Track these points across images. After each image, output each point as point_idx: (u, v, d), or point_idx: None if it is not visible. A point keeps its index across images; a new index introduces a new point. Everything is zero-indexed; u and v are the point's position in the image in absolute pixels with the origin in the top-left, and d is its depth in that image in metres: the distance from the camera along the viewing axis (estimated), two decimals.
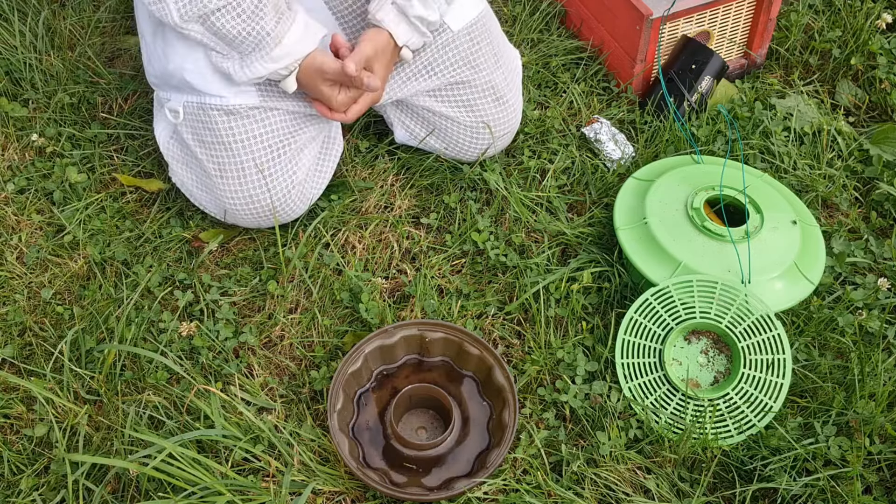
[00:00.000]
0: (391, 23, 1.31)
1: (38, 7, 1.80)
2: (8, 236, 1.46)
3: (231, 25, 1.23)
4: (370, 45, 1.31)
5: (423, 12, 1.30)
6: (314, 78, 1.31)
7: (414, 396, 1.25)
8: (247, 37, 1.24)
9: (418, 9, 1.30)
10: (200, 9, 1.21)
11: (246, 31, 1.24)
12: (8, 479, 1.19)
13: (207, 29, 1.25)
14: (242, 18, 1.23)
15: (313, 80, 1.31)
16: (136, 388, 1.27)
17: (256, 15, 1.23)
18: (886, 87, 1.72)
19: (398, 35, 1.32)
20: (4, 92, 1.67)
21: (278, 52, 1.26)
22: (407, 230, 1.48)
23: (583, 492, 1.18)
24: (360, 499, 1.18)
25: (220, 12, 1.22)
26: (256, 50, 1.26)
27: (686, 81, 1.61)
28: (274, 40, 1.25)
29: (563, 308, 1.36)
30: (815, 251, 1.37)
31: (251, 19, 1.23)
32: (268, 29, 1.24)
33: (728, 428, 1.23)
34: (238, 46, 1.26)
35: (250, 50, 1.26)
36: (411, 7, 1.30)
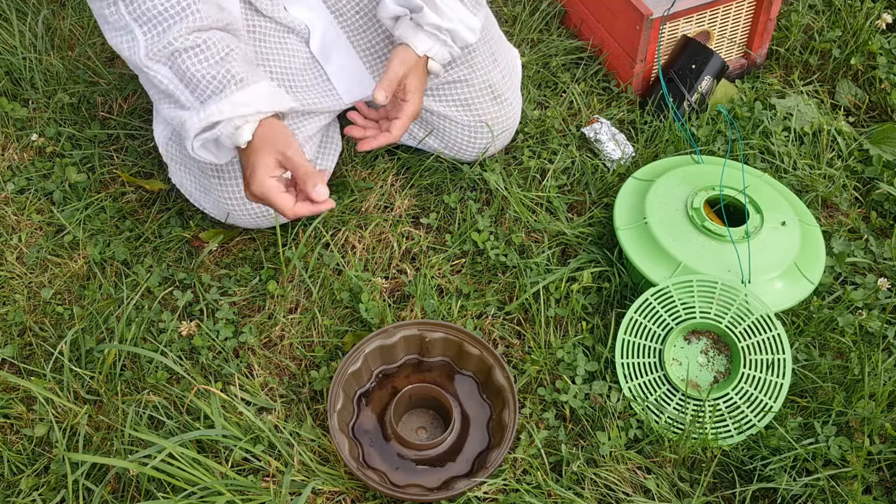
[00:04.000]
0: (409, 36, 1.32)
1: (38, 7, 1.80)
2: (8, 236, 1.47)
3: (197, 68, 1.17)
4: (398, 64, 1.31)
5: (437, 20, 1.30)
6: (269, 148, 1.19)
7: (414, 396, 1.25)
8: (211, 80, 1.17)
9: (431, 17, 1.30)
10: (168, 46, 1.16)
11: (212, 73, 1.17)
12: (8, 479, 1.19)
13: (174, 71, 1.18)
14: (211, 63, 1.17)
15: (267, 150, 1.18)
16: (136, 388, 1.27)
17: (225, 60, 1.18)
18: (886, 87, 1.72)
19: (417, 46, 1.32)
20: (4, 92, 1.67)
21: (241, 97, 1.18)
22: (407, 230, 1.48)
23: (583, 492, 1.18)
24: (360, 499, 1.18)
25: (188, 52, 1.17)
26: (217, 93, 1.18)
27: (686, 81, 1.61)
28: (238, 84, 1.18)
29: (563, 308, 1.36)
30: (815, 251, 1.37)
31: (219, 63, 1.18)
32: (233, 72, 1.18)
33: (728, 428, 1.23)
34: (201, 92, 1.18)
35: (211, 94, 1.18)
36: (423, 17, 1.30)
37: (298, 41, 1.40)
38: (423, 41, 1.32)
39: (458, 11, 1.32)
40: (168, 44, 1.16)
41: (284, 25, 1.37)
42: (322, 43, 1.41)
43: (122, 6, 1.17)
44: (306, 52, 1.40)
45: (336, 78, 1.42)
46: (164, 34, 1.16)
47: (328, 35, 1.41)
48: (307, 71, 1.40)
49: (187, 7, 1.17)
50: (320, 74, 1.41)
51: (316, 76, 1.41)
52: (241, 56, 1.20)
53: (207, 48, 1.18)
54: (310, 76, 1.40)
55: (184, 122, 1.20)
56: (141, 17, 1.17)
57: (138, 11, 1.17)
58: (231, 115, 1.18)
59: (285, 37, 1.38)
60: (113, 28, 1.20)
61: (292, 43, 1.39)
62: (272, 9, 1.34)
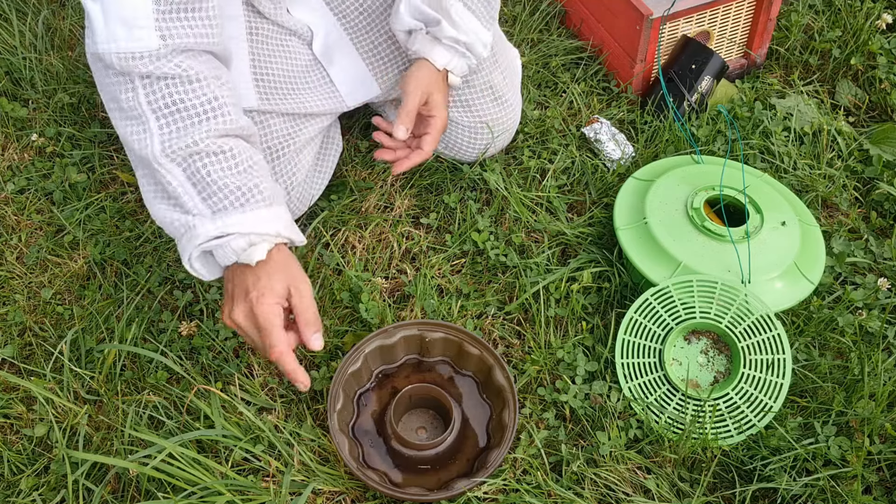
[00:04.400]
0: (427, 50, 1.32)
1: (38, 7, 1.80)
2: (8, 236, 1.47)
3: (219, 175, 1.07)
4: (414, 90, 1.30)
5: (454, 33, 1.30)
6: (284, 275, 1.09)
7: (414, 396, 1.25)
8: (235, 190, 1.07)
9: (448, 31, 1.30)
10: (190, 147, 1.06)
11: (236, 184, 1.07)
12: (8, 479, 1.19)
13: (188, 174, 1.07)
14: (234, 172, 1.08)
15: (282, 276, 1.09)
16: (136, 388, 1.27)
17: (250, 172, 1.09)
18: (886, 87, 1.72)
19: (435, 59, 1.32)
20: (4, 92, 1.68)
21: (264, 214, 1.09)
22: (407, 230, 1.48)
23: (583, 492, 1.18)
24: (360, 499, 1.18)
25: (211, 157, 1.07)
26: (238, 205, 1.08)
27: (686, 81, 1.61)
28: (264, 201, 1.09)
29: (563, 308, 1.36)
30: (815, 251, 1.37)
31: (244, 174, 1.08)
32: (261, 187, 1.09)
33: (728, 428, 1.23)
34: (217, 200, 1.08)
35: (229, 205, 1.08)
36: (441, 30, 1.30)
37: (300, 43, 1.40)
38: (441, 55, 1.32)
39: (473, 25, 1.32)
40: (192, 143, 1.06)
41: (286, 28, 1.37)
42: (324, 45, 1.41)
43: (140, 93, 1.06)
44: (308, 54, 1.40)
45: (339, 80, 1.42)
46: (186, 132, 1.06)
47: (331, 37, 1.41)
48: (309, 73, 1.40)
49: (218, 108, 1.08)
50: (322, 76, 1.41)
51: (318, 78, 1.41)
52: (265, 171, 1.12)
53: (233, 156, 1.08)
54: (312, 78, 1.40)
55: (191, 226, 1.08)
56: (162, 109, 1.06)
57: (161, 102, 1.06)
58: (251, 230, 1.07)
59: (287, 39, 1.38)
60: (124, 114, 1.08)
61: (294, 45, 1.39)
62: (275, 11, 1.34)
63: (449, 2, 1.29)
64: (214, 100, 1.08)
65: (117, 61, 1.04)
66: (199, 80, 1.08)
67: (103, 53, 1.05)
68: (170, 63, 1.06)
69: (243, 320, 1.09)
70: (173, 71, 1.06)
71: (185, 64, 1.07)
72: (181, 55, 1.07)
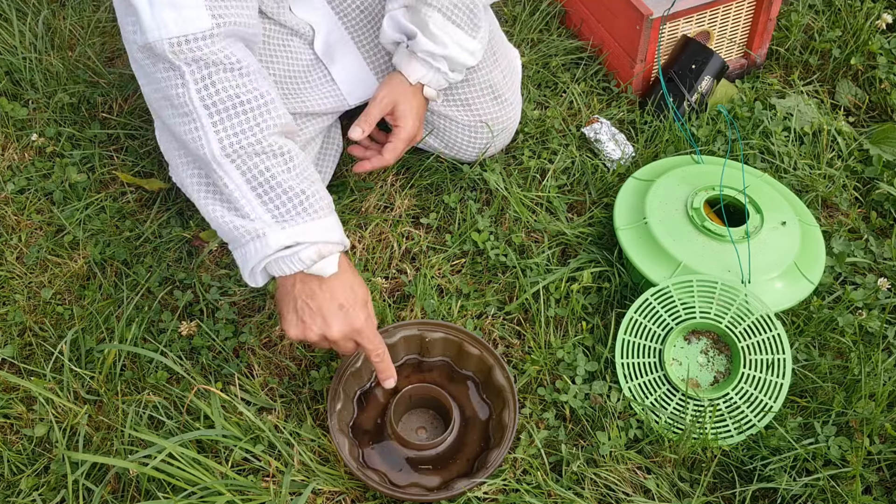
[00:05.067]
0: (404, 64, 1.33)
1: (38, 7, 1.80)
2: (8, 236, 1.47)
3: (282, 177, 1.05)
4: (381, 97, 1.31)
5: (431, 47, 1.30)
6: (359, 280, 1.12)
7: (414, 396, 1.25)
8: (299, 194, 1.05)
9: (424, 44, 1.30)
10: (254, 146, 1.03)
11: (298, 188, 1.05)
12: (8, 479, 1.19)
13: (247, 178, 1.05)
14: (293, 174, 1.06)
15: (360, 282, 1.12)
16: (136, 388, 1.27)
17: (309, 178, 1.08)
18: (886, 87, 1.72)
19: (410, 74, 1.33)
20: (4, 92, 1.68)
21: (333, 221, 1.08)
22: (407, 230, 1.48)
23: (583, 492, 1.18)
24: (359, 499, 1.18)
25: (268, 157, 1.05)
26: (303, 211, 1.06)
27: (686, 81, 1.61)
28: (328, 206, 1.08)
29: (563, 308, 1.36)
30: (815, 251, 1.37)
31: (300, 177, 1.06)
32: (321, 192, 1.08)
33: (728, 428, 1.23)
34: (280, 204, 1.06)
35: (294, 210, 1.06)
36: (417, 44, 1.31)
37: (301, 43, 1.40)
38: (416, 69, 1.33)
39: (455, 35, 1.31)
40: (255, 142, 1.05)
41: (288, 28, 1.37)
42: (326, 43, 1.41)
43: (192, 88, 1.04)
44: (310, 53, 1.40)
45: (340, 79, 1.42)
46: (244, 130, 1.04)
47: (332, 36, 1.41)
48: (310, 72, 1.40)
49: (270, 103, 1.06)
50: (324, 75, 1.41)
51: (319, 77, 1.41)
52: (316, 174, 1.11)
53: (290, 159, 1.06)
54: (313, 77, 1.40)
55: (261, 234, 1.05)
56: (216, 105, 1.04)
57: (214, 98, 1.04)
58: (320, 238, 1.06)
59: (289, 39, 1.38)
60: (176, 111, 1.06)
61: (296, 45, 1.39)
62: (277, 11, 1.34)
63: (428, 14, 1.29)
64: (267, 94, 1.07)
65: (169, 48, 1.02)
66: (249, 73, 1.06)
67: (154, 42, 1.02)
68: (220, 46, 1.04)
69: (342, 335, 1.10)
70: (226, 59, 1.04)
71: (236, 54, 1.05)
72: (229, 41, 1.05)
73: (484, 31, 1.35)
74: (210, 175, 1.08)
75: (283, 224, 1.05)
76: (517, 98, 1.53)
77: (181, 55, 1.03)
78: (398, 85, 1.34)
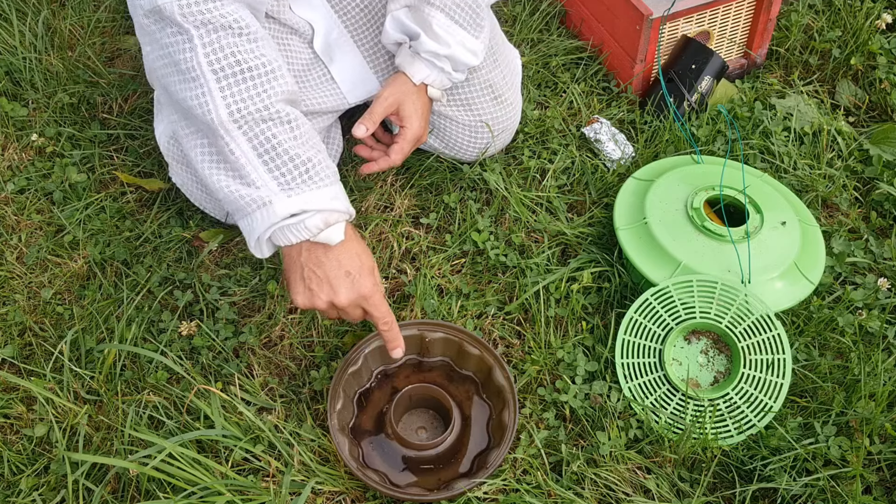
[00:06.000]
0: (407, 65, 1.33)
1: (38, 7, 1.80)
2: (8, 236, 1.47)
3: (288, 144, 1.04)
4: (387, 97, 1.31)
5: (435, 47, 1.30)
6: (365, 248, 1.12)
7: (414, 396, 1.25)
8: (305, 162, 1.05)
9: (428, 44, 1.30)
10: (261, 111, 1.03)
11: (304, 156, 1.05)
12: (8, 479, 1.19)
13: (253, 145, 1.04)
14: (299, 142, 1.06)
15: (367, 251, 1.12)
16: (136, 388, 1.27)
17: (315, 147, 1.07)
18: (886, 87, 1.72)
19: (413, 75, 1.33)
20: (4, 92, 1.68)
21: (338, 190, 1.08)
22: (407, 230, 1.48)
23: (583, 492, 1.18)
24: (359, 499, 1.18)
25: (274, 123, 1.04)
26: (309, 180, 1.06)
27: (686, 81, 1.61)
28: (334, 174, 1.07)
29: (563, 308, 1.36)
30: (815, 251, 1.37)
31: (308, 147, 1.06)
32: (327, 161, 1.07)
33: (728, 428, 1.23)
34: (286, 172, 1.05)
35: (300, 178, 1.05)
36: (421, 44, 1.31)
37: (301, 41, 1.40)
38: (419, 69, 1.33)
39: (458, 35, 1.32)
40: (263, 108, 1.04)
41: (288, 26, 1.37)
42: (325, 42, 1.41)
43: (200, 52, 1.02)
44: (309, 52, 1.40)
45: (340, 77, 1.42)
46: (252, 96, 1.03)
47: (332, 34, 1.41)
48: (310, 71, 1.40)
49: (278, 69, 1.06)
50: (323, 74, 1.41)
51: (319, 76, 1.41)
52: (321, 142, 1.11)
53: (298, 126, 1.06)
54: (313, 76, 1.40)
55: (267, 202, 1.05)
56: (222, 70, 1.03)
57: (222, 63, 1.02)
58: (326, 207, 1.06)
59: (288, 37, 1.38)
60: (183, 77, 1.04)
61: (295, 44, 1.39)
62: (278, 9, 1.34)
63: (430, 14, 1.29)
64: (274, 61, 1.06)
65: (178, 10, 1.01)
66: (257, 39, 1.06)
67: (163, 4, 1.01)
68: (230, 9, 1.03)
69: (349, 302, 1.10)
70: (234, 24, 1.03)
71: (245, 19, 1.05)
72: (237, 5, 1.04)
73: (486, 30, 1.35)
74: (216, 142, 1.07)
75: (289, 192, 1.04)
76: (517, 98, 1.53)
77: (190, 17, 1.02)
78: (402, 85, 1.34)
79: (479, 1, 1.31)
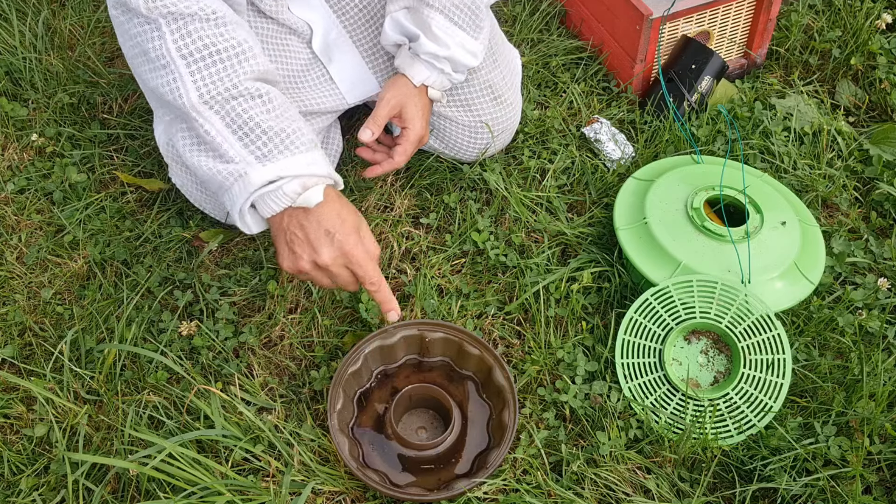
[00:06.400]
0: (407, 66, 1.33)
1: (38, 7, 1.80)
2: (8, 236, 1.47)
3: (263, 118, 1.06)
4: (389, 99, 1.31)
5: (434, 49, 1.30)
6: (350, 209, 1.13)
7: (414, 396, 1.25)
8: (279, 133, 1.07)
9: (427, 46, 1.30)
10: (229, 90, 1.04)
11: (277, 127, 1.06)
12: (8, 479, 1.19)
13: (226, 121, 1.06)
14: (272, 115, 1.08)
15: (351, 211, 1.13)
16: (136, 388, 1.27)
17: (289, 117, 1.09)
18: (886, 87, 1.72)
19: (413, 77, 1.33)
20: (4, 92, 1.68)
21: (312, 157, 1.09)
22: (407, 230, 1.48)
23: (583, 492, 1.18)
24: (360, 499, 1.18)
25: (254, 100, 1.06)
26: (284, 149, 1.07)
27: (686, 81, 1.61)
28: (311, 142, 1.09)
29: (563, 308, 1.36)
30: (815, 251, 1.37)
31: (282, 117, 1.08)
32: (304, 130, 1.09)
33: (728, 428, 1.23)
34: (262, 145, 1.07)
35: (274, 149, 1.07)
36: (420, 46, 1.31)
37: (300, 42, 1.40)
38: (420, 71, 1.33)
39: (457, 36, 1.31)
40: (231, 87, 1.06)
41: (286, 26, 1.37)
42: (324, 42, 1.41)
43: (168, 39, 1.04)
44: (308, 52, 1.40)
45: (339, 77, 1.42)
46: (222, 77, 1.05)
47: (330, 34, 1.41)
48: (309, 71, 1.40)
49: (249, 50, 1.07)
50: (322, 74, 1.41)
51: (318, 76, 1.41)
52: (298, 115, 1.13)
53: (270, 100, 1.08)
54: (312, 76, 1.40)
55: (243, 174, 1.07)
56: (193, 55, 1.05)
57: (192, 47, 1.04)
58: (304, 171, 1.07)
59: (287, 38, 1.38)
60: (153, 65, 1.06)
61: (294, 44, 1.39)
62: (276, 9, 1.34)
63: (429, 16, 1.29)
64: (244, 42, 1.07)
65: (143, 3, 1.03)
66: (227, 23, 1.07)
67: None
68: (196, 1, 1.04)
69: (332, 261, 1.11)
70: (200, 11, 1.04)
71: (211, 6, 1.06)
72: None
73: (486, 31, 1.35)
74: (191, 126, 1.09)
75: (265, 161, 1.06)
76: (517, 98, 1.53)
77: (155, 10, 1.03)
78: (403, 86, 1.34)
79: (478, 2, 1.31)
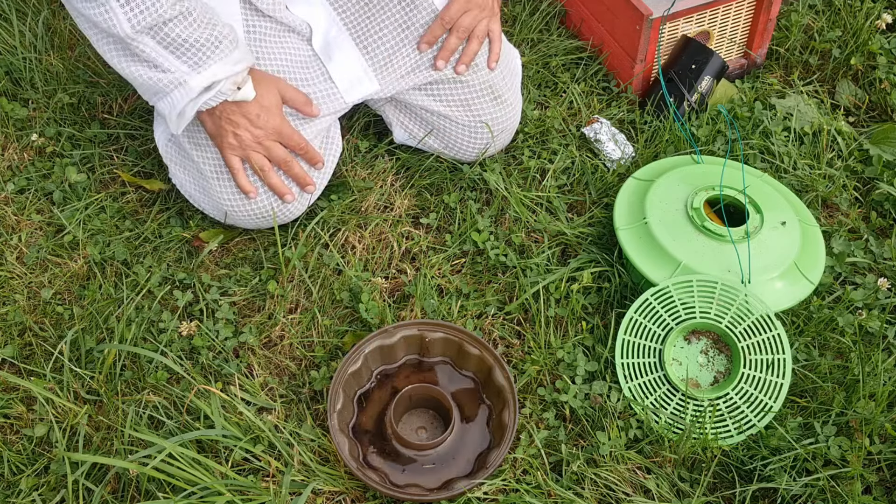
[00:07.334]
0: None
1: (38, 7, 1.80)
2: (8, 236, 1.46)
3: (187, 33, 1.20)
4: None
5: None
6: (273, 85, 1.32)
7: (414, 396, 1.25)
8: (205, 42, 1.22)
9: None
10: (154, 18, 1.17)
11: (204, 36, 1.21)
12: (8, 479, 1.19)
13: (159, 41, 1.21)
14: (196, 26, 1.21)
15: (272, 86, 1.32)
16: (136, 388, 1.27)
17: (210, 23, 1.22)
18: (886, 87, 1.72)
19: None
20: (4, 92, 1.67)
21: (236, 56, 1.25)
22: (407, 230, 1.48)
23: (583, 492, 1.18)
24: (360, 499, 1.18)
25: (173, 22, 1.19)
26: (213, 55, 1.23)
27: (686, 81, 1.61)
28: (232, 43, 1.24)
29: (563, 308, 1.36)
30: (815, 251, 1.37)
31: (205, 27, 1.22)
32: (224, 33, 1.24)
33: (728, 428, 1.23)
34: (192, 55, 1.22)
35: (204, 56, 1.23)
36: None
37: (299, 40, 1.40)
38: None
39: None
40: (157, 16, 1.18)
41: (285, 25, 1.37)
42: (324, 41, 1.41)
43: None
44: (307, 50, 1.40)
45: (337, 76, 1.41)
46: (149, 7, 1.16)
47: (330, 33, 1.41)
48: (308, 70, 1.40)
49: None
50: (321, 73, 1.41)
51: (317, 75, 1.41)
52: (219, 18, 1.25)
53: (189, 14, 1.20)
54: (311, 76, 1.40)
55: (182, 82, 1.23)
56: None
57: None
58: (233, 72, 1.25)
59: (285, 36, 1.38)
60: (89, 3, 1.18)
61: (293, 42, 1.39)
62: (274, 8, 1.34)
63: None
64: None
65: None
66: None
67: None
68: None
69: (265, 134, 1.31)
70: None
71: None
72: None
73: None
74: (127, 47, 1.22)
75: (199, 69, 1.23)
76: (517, 98, 1.53)
77: None
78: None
79: None
